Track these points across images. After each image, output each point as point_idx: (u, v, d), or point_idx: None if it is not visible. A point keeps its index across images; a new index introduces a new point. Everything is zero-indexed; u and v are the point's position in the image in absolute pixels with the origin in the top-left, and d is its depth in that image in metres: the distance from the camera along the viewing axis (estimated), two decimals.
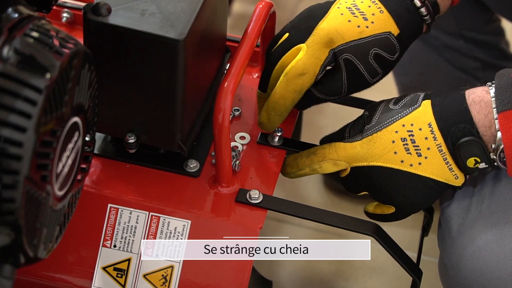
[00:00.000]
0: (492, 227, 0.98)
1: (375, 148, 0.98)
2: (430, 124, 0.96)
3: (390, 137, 0.97)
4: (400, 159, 0.97)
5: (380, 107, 1.00)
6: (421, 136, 0.96)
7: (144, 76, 0.93)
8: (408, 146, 0.96)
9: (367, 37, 1.01)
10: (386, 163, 0.97)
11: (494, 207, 1.00)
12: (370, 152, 0.98)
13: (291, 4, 2.08)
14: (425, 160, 0.96)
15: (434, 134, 0.96)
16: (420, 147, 0.96)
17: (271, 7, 1.05)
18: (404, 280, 1.47)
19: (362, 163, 0.98)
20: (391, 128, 0.97)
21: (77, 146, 0.82)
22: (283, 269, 1.50)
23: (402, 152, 0.97)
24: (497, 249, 0.97)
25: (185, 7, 0.93)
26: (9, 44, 0.72)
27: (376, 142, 0.98)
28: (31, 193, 0.73)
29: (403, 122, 0.97)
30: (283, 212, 1.00)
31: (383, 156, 0.97)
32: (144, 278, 0.97)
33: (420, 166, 0.97)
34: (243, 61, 0.98)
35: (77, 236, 0.98)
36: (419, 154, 0.96)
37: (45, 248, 0.80)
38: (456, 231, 1.01)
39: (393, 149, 0.97)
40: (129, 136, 0.97)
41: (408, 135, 0.96)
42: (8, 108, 0.71)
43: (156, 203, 0.98)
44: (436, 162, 0.96)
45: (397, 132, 0.97)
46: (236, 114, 1.10)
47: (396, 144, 0.97)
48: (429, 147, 0.96)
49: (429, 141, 0.96)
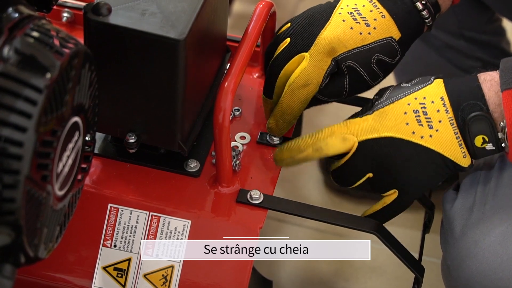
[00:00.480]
0: (495, 228, 0.98)
1: (387, 119, 0.97)
2: (443, 98, 0.96)
3: (403, 108, 0.97)
4: (412, 130, 0.96)
5: (390, 87, 1.00)
6: (433, 109, 0.96)
7: (144, 76, 0.93)
8: (420, 117, 0.96)
9: (370, 44, 1.01)
10: (397, 133, 0.96)
11: (497, 208, 1.00)
12: (382, 123, 0.97)
13: (292, 4, 2.08)
14: (436, 133, 0.96)
15: (446, 107, 0.96)
16: (431, 119, 0.96)
17: (272, 7, 1.05)
18: (404, 280, 1.47)
19: (372, 135, 0.97)
20: (403, 100, 0.97)
21: (78, 146, 0.82)
22: (283, 269, 1.50)
23: (414, 124, 0.96)
24: (501, 250, 0.97)
25: (186, 7, 0.93)
26: (9, 44, 0.72)
27: (388, 114, 0.97)
28: (31, 193, 0.73)
29: (415, 95, 0.97)
30: (284, 211, 1.00)
31: (395, 127, 0.97)
32: (144, 278, 0.97)
33: (431, 138, 0.96)
34: (244, 61, 0.98)
35: (78, 236, 0.98)
36: (431, 126, 0.96)
37: (46, 248, 0.80)
38: (459, 232, 1.00)
39: (405, 120, 0.96)
40: (130, 136, 0.97)
41: (420, 107, 0.96)
42: (9, 108, 0.71)
43: (157, 203, 0.98)
44: (447, 135, 0.96)
45: (409, 104, 0.97)
46: (237, 114, 1.10)
47: (408, 115, 0.96)
48: (440, 120, 0.96)
49: (441, 114, 0.96)
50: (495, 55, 1.54)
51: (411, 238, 1.46)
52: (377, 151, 0.97)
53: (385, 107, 0.98)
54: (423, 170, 0.98)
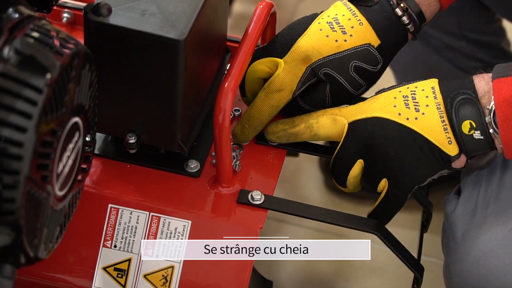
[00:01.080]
0: (497, 233, 0.98)
1: (377, 102, 1.00)
2: (433, 87, 0.98)
3: (393, 94, 1.00)
4: (398, 112, 0.98)
5: None
6: (422, 95, 0.98)
7: (144, 76, 0.93)
8: (408, 101, 0.98)
9: (345, 51, 1.02)
10: (383, 114, 0.98)
11: (499, 211, 0.99)
12: (372, 105, 1.00)
13: (292, 5, 2.08)
14: (422, 116, 0.97)
15: (435, 94, 0.98)
16: (419, 103, 0.98)
17: (272, 7, 1.05)
18: (404, 280, 1.47)
19: (361, 115, 0.99)
20: (396, 89, 1.00)
21: (78, 146, 0.82)
22: (283, 269, 1.50)
23: (402, 106, 0.98)
24: (503, 255, 0.97)
25: (186, 7, 0.93)
26: (9, 44, 0.72)
27: (379, 98, 1.00)
28: (31, 193, 0.73)
29: (408, 85, 1.00)
30: (285, 212, 1.00)
31: (382, 108, 0.99)
32: (145, 278, 0.97)
33: (416, 121, 0.97)
34: (244, 61, 0.98)
35: (78, 236, 0.98)
36: (417, 109, 0.97)
37: (46, 248, 0.80)
38: (460, 236, 1.00)
39: (393, 103, 0.99)
40: (130, 136, 0.97)
41: (410, 93, 0.99)
42: (9, 108, 0.71)
43: (157, 203, 0.98)
44: (433, 118, 0.97)
45: (400, 92, 1.00)
46: (237, 114, 1.10)
47: (397, 99, 0.99)
48: (428, 104, 0.97)
49: (429, 99, 0.97)
50: (496, 55, 1.54)
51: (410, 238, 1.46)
52: (364, 132, 0.99)
53: (378, 95, 1.01)
54: (410, 156, 0.97)
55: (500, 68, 0.96)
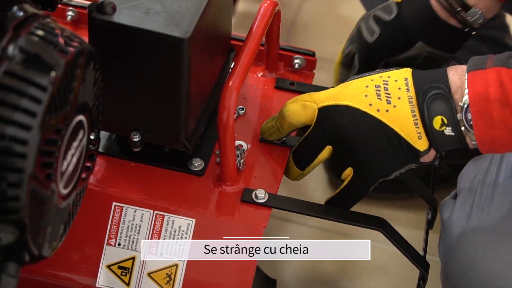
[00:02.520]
0: (492, 236, 0.98)
1: (348, 89, 0.98)
2: (407, 79, 0.96)
3: (365, 82, 0.97)
4: (369, 102, 0.96)
5: None
6: (394, 86, 0.96)
7: (149, 75, 0.93)
8: (380, 92, 0.96)
9: None
10: (354, 103, 0.97)
11: (494, 215, 1.00)
12: (342, 91, 0.98)
13: (296, 3, 2.08)
14: (393, 109, 0.95)
15: (407, 87, 0.95)
16: (391, 95, 0.96)
17: (276, 6, 1.05)
18: (408, 279, 1.47)
19: (330, 102, 0.98)
20: (368, 77, 0.98)
21: (82, 145, 0.82)
22: (287, 268, 1.50)
23: (373, 96, 0.96)
24: (497, 258, 0.97)
25: (190, 6, 0.93)
26: (14, 43, 0.72)
27: (350, 85, 0.98)
28: (35, 191, 0.73)
29: (381, 74, 0.98)
30: (289, 210, 1.00)
31: (353, 97, 0.97)
32: (149, 276, 0.97)
33: (387, 113, 0.95)
34: (248, 60, 0.98)
35: (82, 235, 0.98)
36: (389, 101, 0.96)
37: (50, 246, 0.80)
38: (456, 240, 1.00)
39: (365, 92, 0.97)
40: (134, 134, 0.97)
41: (382, 83, 0.97)
42: (13, 106, 0.71)
43: (161, 201, 0.98)
44: (404, 112, 0.95)
45: (373, 80, 0.97)
46: (241, 113, 1.10)
47: (369, 89, 0.97)
48: (400, 97, 0.95)
49: (402, 92, 0.96)
50: (500, 50, 1.54)
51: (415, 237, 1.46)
52: (334, 120, 0.97)
53: (349, 81, 0.99)
54: (378, 148, 0.96)
55: (476, 61, 0.95)
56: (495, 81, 0.91)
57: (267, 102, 1.13)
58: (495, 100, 0.91)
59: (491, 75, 0.91)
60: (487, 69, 0.92)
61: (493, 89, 0.91)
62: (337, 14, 2.05)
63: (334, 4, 2.08)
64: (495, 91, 0.91)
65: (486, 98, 0.91)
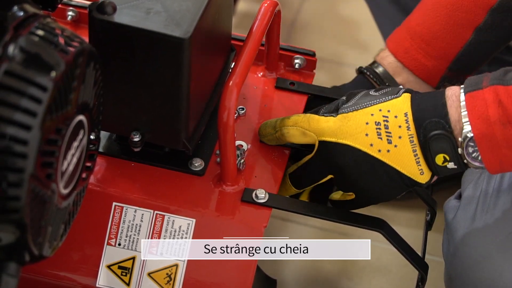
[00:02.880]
0: (496, 237, 0.98)
1: (348, 126, 0.97)
2: (406, 114, 0.95)
3: (365, 118, 0.96)
4: (370, 142, 0.96)
5: (360, 92, 1.00)
6: (395, 124, 0.95)
7: (149, 75, 0.93)
8: (381, 130, 0.95)
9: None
10: (355, 143, 0.96)
11: (498, 217, 1.00)
12: (342, 128, 0.97)
13: (296, 3, 2.08)
14: (394, 149, 0.95)
15: (408, 124, 0.95)
16: (392, 134, 0.95)
17: (276, 6, 1.05)
18: (408, 279, 1.47)
19: (331, 138, 0.97)
20: (367, 110, 0.97)
21: (82, 145, 0.82)
22: (287, 267, 1.50)
23: (373, 136, 0.96)
24: (502, 261, 0.97)
25: (190, 6, 0.93)
26: (14, 42, 0.73)
27: (350, 120, 0.97)
28: (36, 191, 0.73)
29: (380, 107, 0.96)
30: (289, 210, 1.00)
31: (353, 136, 0.96)
32: (149, 276, 0.97)
33: (388, 153, 0.95)
34: (248, 60, 0.98)
35: (82, 234, 0.98)
36: (390, 141, 0.95)
37: (50, 246, 0.80)
38: (460, 241, 1.00)
39: (365, 131, 0.96)
40: (134, 134, 0.97)
41: (382, 119, 0.96)
42: (14, 106, 0.71)
43: (161, 201, 0.98)
44: (405, 152, 0.95)
45: (372, 115, 0.96)
46: (241, 113, 1.10)
47: (369, 126, 0.96)
48: (400, 136, 0.95)
49: (402, 130, 0.95)
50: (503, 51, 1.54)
51: (415, 237, 1.46)
52: (335, 156, 0.98)
53: (349, 113, 0.97)
54: (379, 181, 0.97)
55: (472, 81, 0.94)
56: (493, 100, 0.91)
57: (268, 102, 1.13)
58: (496, 120, 0.90)
59: (488, 95, 0.91)
60: (484, 89, 0.92)
61: (492, 109, 0.91)
62: (337, 14, 2.05)
63: (334, 4, 2.08)
64: (494, 112, 0.91)
65: (487, 120, 0.91)
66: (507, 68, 0.93)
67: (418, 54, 1.15)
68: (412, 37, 1.16)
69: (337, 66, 1.91)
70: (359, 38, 1.98)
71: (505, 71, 0.93)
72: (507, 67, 0.94)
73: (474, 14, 1.13)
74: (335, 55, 1.93)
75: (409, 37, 1.16)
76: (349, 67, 1.90)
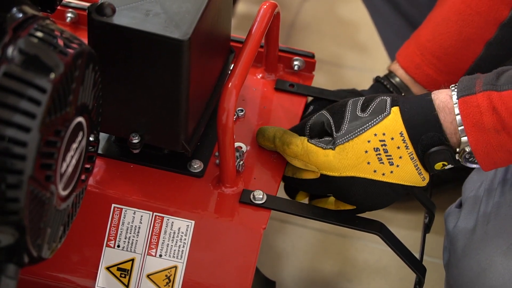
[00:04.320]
0: (497, 248, 0.98)
1: (348, 158, 0.97)
2: (402, 133, 0.96)
3: (363, 147, 0.97)
4: (373, 169, 0.97)
5: (347, 113, 0.99)
6: (393, 146, 0.96)
7: (148, 76, 0.93)
8: (381, 155, 0.97)
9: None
10: (359, 173, 0.97)
11: (499, 227, 1.00)
12: (343, 162, 0.97)
13: (296, 5, 2.08)
14: (397, 168, 0.97)
15: (406, 143, 0.96)
16: (392, 157, 0.96)
17: (275, 7, 1.05)
18: (408, 281, 1.47)
19: (334, 173, 0.98)
20: (363, 137, 0.97)
21: (81, 146, 0.82)
22: (286, 269, 1.50)
23: (375, 162, 0.97)
24: (502, 270, 0.97)
25: (190, 8, 0.93)
26: (13, 44, 0.73)
27: (348, 152, 0.97)
28: (35, 192, 0.73)
29: (374, 131, 0.97)
30: (287, 212, 1.00)
31: (356, 167, 0.97)
32: (148, 278, 0.97)
33: (392, 174, 0.97)
34: (247, 62, 0.98)
35: (81, 236, 0.98)
36: (391, 163, 0.96)
37: (49, 248, 0.80)
38: (461, 251, 1.00)
39: (366, 160, 0.97)
40: (133, 136, 0.97)
41: (380, 144, 0.96)
42: (13, 108, 0.71)
43: (160, 203, 0.98)
44: (408, 169, 0.97)
45: (369, 142, 0.97)
46: (240, 115, 1.10)
47: (369, 154, 0.97)
48: (401, 156, 0.96)
49: (401, 150, 0.96)
50: None
51: (413, 239, 1.46)
52: (339, 186, 0.99)
53: (345, 144, 0.97)
54: (384, 197, 0.99)
55: (465, 83, 0.95)
56: (487, 108, 0.92)
57: (267, 104, 1.13)
58: (490, 128, 0.92)
59: (482, 101, 0.92)
60: (478, 94, 0.93)
61: (486, 117, 0.92)
62: (336, 16, 2.05)
63: (333, 5, 2.08)
64: (489, 119, 0.92)
65: (482, 127, 0.92)
66: (499, 70, 0.94)
67: (430, 70, 1.15)
68: (422, 52, 1.16)
69: (336, 68, 1.91)
70: (358, 40, 1.98)
71: (497, 74, 0.93)
72: (499, 69, 0.94)
73: (484, 29, 1.13)
74: (334, 57, 1.93)
75: (419, 52, 1.16)
76: (348, 69, 1.90)
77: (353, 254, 1.53)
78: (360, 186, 0.98)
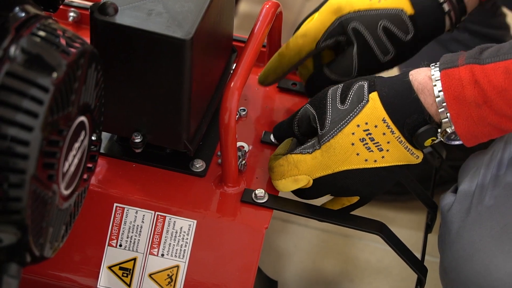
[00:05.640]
0: (490, 229, 0.98)
1: (336, 154, 0.96)
2: (384, 119, 0.95)
3: (348, 140, 0.96)
4: (364, 159, 0.96)
5: (328, 107, 0.98)
6: (379, 133, 0.95)
7: (150, 76, 0.93)
8: (369, 144, 0.96)
9: (377, 9, 1.04)
10: (351, 166, 0.97)
11: (493, 209, 1.00)
12: (332, 158, 0.97)
13: (298, 4, 2.08)
14: (388, 153, 0.96)
15: (391, 129, 0.95)
16: (380, 143, 0.96)
17: (278, 7, 1.05)
18: (410, 281, 1.47)
19: (326, 171, 0.97)
20: (346, 131, 0.96)
21: (84, 146, 0.82)
22: (288, 269, 1.50)
23: (364, 152, 0.96)
24: (496, 251, 0.97)
25: (192, 7, 0.93)
26: (16, 43, 0.73)
27: (336, 148, 0.96)
28: (37, 192, 0.73)
29: (356, 122, 0.96)
30: (289, 211, 1.00)
31: (346, 160, 0.96)
32: (150, 277, 0.97)
33: (384, 159, 0.96)
34: (250, 61, 0.98)
35: (83, 235, 0.98)
36: (381, 149, 0.96)
37: (51, 247, 0.80)
38: (455, 233, 1.01)
39: (355, 151, 0.96)
40: (135, 135, 0.97)
41: (365, 134, 0.96)
42: (15, 107, 0.71)
43: (162, 202, 0.98)
44: (398, 151, 0.96)
45: (354, 134, 0.96)
46: (242, 114, 1.10)
47: (356, 146, 0.96)
48: (389, 141, 0.96)
49: (388, 136, 0.95)
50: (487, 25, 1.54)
51: (416, 239, 1.46)
52: (334, 184, 0.98)
53: (331, 141, 0.96)
54: (382, 181, 0.99)
55: (448, 58, 0.94)
56: (470, 81, 0.91)
57: (269, 103, 1.13)
58: (471, 101, 0.91)
59: (464, 74, 0.91)
60: (460, 67, 0.92)
61: (468, 90, 0.91)
62: None
63: None
64: (471, 92, 0.91)
65: (463, 100, 0.92)
66: (482, 46, 0.94)
67: None
68: None
69: None
70: None
71: (480, 49, 0.93)
72: (482, 45, 0.94)
73: None
74: None
75: None
76: None
77: (355, 254, 1.53)
78: (355, 177, 0.97)
